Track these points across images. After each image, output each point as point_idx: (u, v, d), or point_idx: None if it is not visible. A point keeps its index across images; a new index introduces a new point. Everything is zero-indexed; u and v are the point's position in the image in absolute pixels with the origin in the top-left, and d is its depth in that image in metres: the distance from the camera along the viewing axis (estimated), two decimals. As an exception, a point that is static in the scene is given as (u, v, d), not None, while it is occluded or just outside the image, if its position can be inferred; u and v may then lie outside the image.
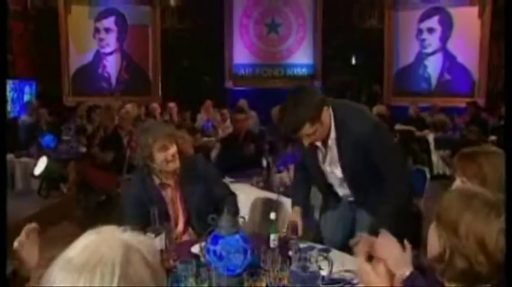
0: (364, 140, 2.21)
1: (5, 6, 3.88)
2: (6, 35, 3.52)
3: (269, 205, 3.19)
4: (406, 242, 1.66)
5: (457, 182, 1.70)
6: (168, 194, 2.45)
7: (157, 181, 2.44)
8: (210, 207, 2.44)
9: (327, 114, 2.22)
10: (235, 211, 2.34)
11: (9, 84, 8.10)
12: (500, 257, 1.15)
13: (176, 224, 2.44)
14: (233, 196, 2.60)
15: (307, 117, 2.13)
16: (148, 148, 2.34)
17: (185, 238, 2.47)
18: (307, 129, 2.15)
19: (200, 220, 2.37)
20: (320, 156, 2.38)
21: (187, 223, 2.47)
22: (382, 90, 10.14)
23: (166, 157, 2.34)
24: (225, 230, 1.76)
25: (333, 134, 2.26)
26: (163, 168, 2.37)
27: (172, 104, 8.35)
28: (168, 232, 2.05)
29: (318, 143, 2.33)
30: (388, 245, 1.65)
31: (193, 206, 2.44)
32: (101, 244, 0.85)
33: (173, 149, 2.37)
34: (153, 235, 1.93)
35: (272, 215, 2.11)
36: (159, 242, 1.93)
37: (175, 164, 2.38)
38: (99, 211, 5.40)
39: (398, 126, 7.75)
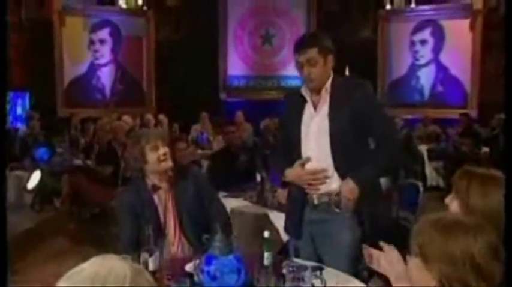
0: (357, 94, 2.27)
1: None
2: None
3: (262, 221, 3.21)
4: (408, 257, 1.68)
5: (451, 196, 1.70)
6: (161, 197, 2.48)
7: (149, 183, 2.47)
8: (202, 216, 2.48)
9: (331, 64, 2.29)
10: (228, 231, 2.35)
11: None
12: (495, 272, 1.16)
13: (166, 228, 2.47)
14: (227, 215, 2.62)
15: (319, 42, 2.26)
16: (140, 149, 2.40)
17: (177, 242, 2.48)
18: (313, 53, 2.23)
19: (191, 224, 2.44)
20: (307, 112, 2.33)
21: (180, 228, 2.49)
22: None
23: (158, 156, 2.39)
24: (218, 250, 1.77)
25: (328, 84, 2.30)
26: (156, 168, 2.42)
27: (161, 116, 8.38)
28: (162, 250, 2.05)
29: (308, 97, 2.32)
30: (392, 260, 1.67)
31: (184, 210, 2.47)
32: (108, 260, 0.93)
33: (165, 149, 2.42)
34: (147, 255, 1.94)
35: (266, 234, 2.11)
36: (153, 262, 1.94)
37: (168, 163, 2.43)
38: (92, 225, 5.38)
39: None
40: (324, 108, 2.30)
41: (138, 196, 2.46)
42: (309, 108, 2.34)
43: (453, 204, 1.66)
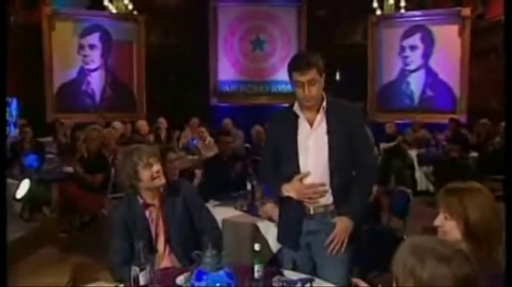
0: (352, 118, 2.40)
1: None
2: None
3: (253, 232, 3.22)
4: None
5: (440, 217, 1.69)
6: (152, 213, 2.50)
7: (141, 201, 2.49)
8: (191, 233, 2.51)
9: (323, 83, 2.37)
10: (219, 246, 2.37)
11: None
12: None
13: (157, 243, 2.49)
14: (218, 229, 2.64)
15: (317, 62, 2.32)
16: (133, 166, 2.40)
17: (166, 258, 2.50)
18: (313, 73, 2.29)
19: (180, 240, 2.46)
20: (302, 129, 2.40)
21: (169, 244, 2.51)
22: (366, 106, 10.29)
23: (152, 173, 2.41)
24: (209, 266, 1.78)
25: (324, 103, 2.39)
26: (149, 185, 2.43)
27: (162, 120, 8.37)
28: (153, 265, 2.06)
29: (302, 114, 2.39)
30: None
31: (173, 227, 2.49)
32: None
33: (158, 166, 2.44)
34: (138, 269, 1.94)
35: (256, 246, 2.13)
36: (144, 276, 1.94)
37: (161, 181, 2.45)
38: (83, 233, 5.36)
39: (383, 145, 7.89)
40: (322, 126, 2.38)
41: (130, 211, 2.48)
42: (303, 125, 2.41)
43: (448, 225, 1.66)
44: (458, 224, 1.62)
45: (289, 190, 2.40)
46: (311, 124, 2.39)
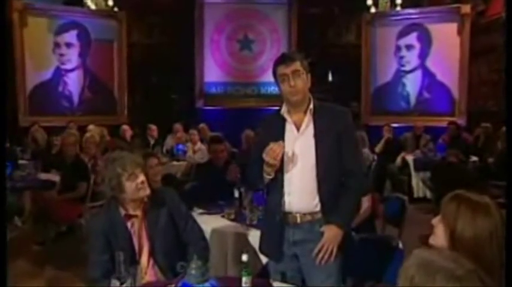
0: (341, 121, 2.42)
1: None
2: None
3: (243, 242, 3.22)
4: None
5: (438, 218, 1.71)
6: (134, 225, 2.48)
7: (123, 212, 2.47)
8: (176, 244, 2.51)
9: (309, 83, 2.42)
10: (205, 257, 2.37)
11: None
12: None
13: (140, 256, 2.47)
14: (204, 239, 2.64)
15: (300, 57, 2.41)
16: (117, 177, 2.39)
17: (150, 271, 2.49)
18: (297, 65, 2.36)
19: (164, 252, 2.45)
20: (289, 133, 2.42)
21: (153, 256, 2.50)
22: (360, 109, 10.35)
23: (136, 184, 2.40)
24: (194, 278, 1.78)
25: (311, 106, 2.42)
26: (133, 196, 2.43)
27: (153, 127, 8.34)
28: (135, 278, 2.05)
29: (289, 118, 2.42)
30: None
31: (156, 239, 2.48)
32: None
33: (142, 177, 2.44)
34: (118, 282, 1.94)
35: (244, 257, 2.14)
36: (125, 289, 1.94)
37: (146, 191, 2.44)
38: (59, 244, 5.30)
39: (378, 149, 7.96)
40: (309, 129, 2.40)
41: (110, 222, 2.46)
42: (290, 129, 2.43)
43: (439, 227, 1.68)
44: (446, 232, 1.64)
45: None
46: (298, 128, 2.41)
